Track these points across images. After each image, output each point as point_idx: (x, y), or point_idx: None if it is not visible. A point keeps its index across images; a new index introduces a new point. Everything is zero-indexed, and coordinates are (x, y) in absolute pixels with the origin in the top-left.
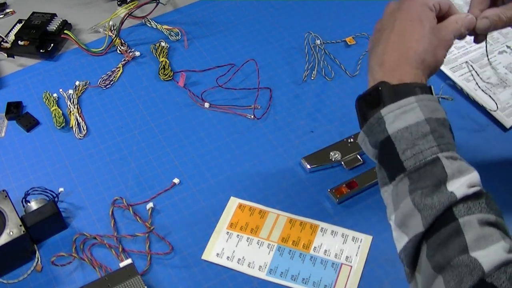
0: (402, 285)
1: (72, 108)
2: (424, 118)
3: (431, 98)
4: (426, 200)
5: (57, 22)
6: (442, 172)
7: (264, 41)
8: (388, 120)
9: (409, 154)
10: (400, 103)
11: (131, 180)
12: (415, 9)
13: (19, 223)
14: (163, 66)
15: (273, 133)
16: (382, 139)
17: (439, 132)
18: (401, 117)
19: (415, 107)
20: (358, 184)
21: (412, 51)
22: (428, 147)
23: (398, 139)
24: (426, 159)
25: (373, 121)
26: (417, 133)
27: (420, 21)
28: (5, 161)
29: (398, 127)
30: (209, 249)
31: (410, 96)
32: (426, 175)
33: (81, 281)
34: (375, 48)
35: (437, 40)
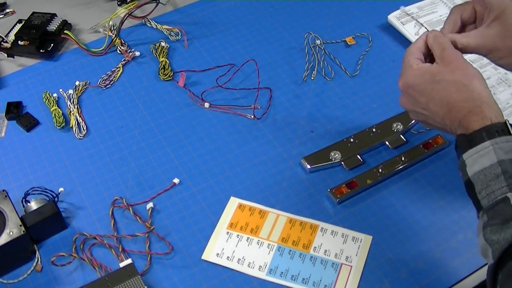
0: (402, 285)
1: (72, 108)
2: (497, 161)
3: (509, 139)
4: (494, 236)
5: (57, 22)
6: (509, 210)
7: (264, 41)
8: (468, 163)
9: (484, 194)
10: (478, 147)
11: (131, 180)
12: (420, 82)
13: (19, 223)
14: (163, 66)
15: (273, 133)
16: (465, 180)
17: (510, 172)
18: (478, 160)
19: (490, 150)
20: (358, 184)
21: (463, 102)
22: (499, 187)
23: (475, 180)
24: (497, 198)
25: (460, 164)
26: (490, 175)
27: (435, 81)
28: (5, 161)
29: (475, 170)
30: (209, 249)
31: (486, 141)
32: (497, 213)
33: (81, 281)
34: (437, 125)
35: (456, 69)
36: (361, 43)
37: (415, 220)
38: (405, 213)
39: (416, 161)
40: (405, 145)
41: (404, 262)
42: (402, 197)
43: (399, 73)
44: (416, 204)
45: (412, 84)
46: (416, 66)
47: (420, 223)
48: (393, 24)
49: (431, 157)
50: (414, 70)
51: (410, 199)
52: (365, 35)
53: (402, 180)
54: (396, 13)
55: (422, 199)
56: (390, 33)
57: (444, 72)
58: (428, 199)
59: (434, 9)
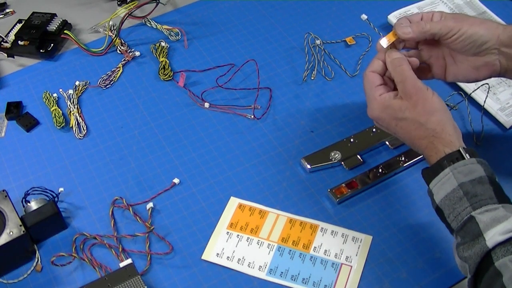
0: (402, 285)
1: (72, 108)
2: (457, 184)
3: (466, 163)
4: (466, 253)
5: (57, 22)
6: (476, 227)
7: (264, 41)
8: (434, 192)
9: (452, 217)
10: (439, 176)
11: (131, 180)
12: (385, 116)
13: (19, 223)
14: (163, 66)
15: (273, 133)
16: (435, 207)
17: (471, 192)
18: (442, 187)
19: (450, 176)
20: (358, 184)
21: (420, 140)
22: (463, 208)
23: (443, 206)
24: (463, 219)
25: (428, 193)
26: (454, 199)
27: (397, 117)
28: (5, 161)
29: (441, 197)
30: (209, 249)
31: (446, 168)
32: (467, 232)
33: (81, 281)
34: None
35: (416, 104)
36: (361, 43)
37: (415, 220)
38: (405, 213)
39: (416, 161)
40: (405, 145)
41: (404, 262)
42: (402, 197)
43: None
44: (416, 204)
45: (378, 118)
46: (378, 98)
47: (420, 223)
48: (393, 24)
49: None
50: (378, 102)
51: (410, 199)
52: (365, 35)
53: (402, 180)
54: (396, 13)
55: (422, 199)
56: None
57: (405, 109)
58: (428, 199)
59: (434, 9)
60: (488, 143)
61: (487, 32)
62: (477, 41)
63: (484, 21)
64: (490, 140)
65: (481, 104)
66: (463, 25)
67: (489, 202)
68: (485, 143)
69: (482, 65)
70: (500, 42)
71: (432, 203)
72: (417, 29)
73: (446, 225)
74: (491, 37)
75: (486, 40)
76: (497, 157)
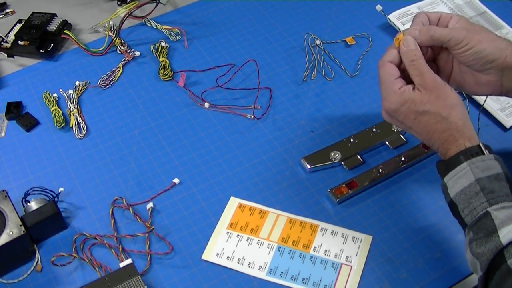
0: (402, 285)
1: (72, 108)
2: (474, 179)
3: (484, 158)
4: (480, 249)
5: (57, 22)
6: (491, 224)
7: (264, 41)
8: (449, 185)
9: (467, 212)
10: (456, 169)
11: (131, 180)
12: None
13: (19, 223)
14: (163, 66)
15: (273, 133)
16: (448, 201)
17: (488, 188)
18: (458, 181)
19: (467, 170)
20: (358, 184)
21: (441, 133)
22: (479, 203)
23: (457, 200)
24: (479, 214)
25: (442, 187)
26: (470, 193)
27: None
28: (5, 161)
29: (456, 191)
30: (209, 249)
31: (463, 163)
32: (481, 228)
33: (81, 281)
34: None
35: (437, 97)
36: (361, 43)
37: (415, 220)
38: (405, 213)
39: (416, 161)
40: (405, 145)
41: (404, 262)
42: (402, 197)
43: None
44: (416, 204)
45: (396, 110)
46: (398, 91)
47: (420, 223)
48: (393, 24)
49: (431, 157)
50: (397, 95)
51: (410, 199)
52: (365, 35)
53: (402, 180)
54: (396, 13)
55: (422, 199)
56: (390, 33)
57: (426, 102)
58: (428, 199)
59: (434, 9)
60: (488, 143)
61: (495, 51)
62: (482, 58)
63: (496, 39)
64: (490, 140)
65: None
66: (473, 38)
67: (505, 199)
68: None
69: (484, 82)
70: (506, 64)
71: (445, 196)
72: (425, 37)
73: (459, 220)
74: (498, 57)
75: (492, 59)
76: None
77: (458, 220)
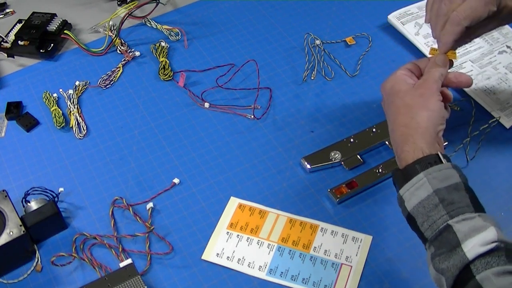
0: (402, 285)
1: (72, 108)
2: (432, 191)
3: (441, 168)
4: (443, 264)
5: (57, 22)
6: (453, 237)
7: (264, 41)
8: (406, 198)
9: (426, 226)
10: (412, 181)
11: (131, 180)
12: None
13: (19, 223)
14: (163, 66)
15: (273, 133)
16: (406, 215)
17: (448, 199)
18: (415, 193)
19: (424, 181)
20: (358, 184)
21: (403, 128)
22: (439, 216)
23: (415, 214)
24: (439, 228)
25: (398, 200)
26: (429, 206)
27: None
28: (5, 161)
29: (414, 203)
30: (209, 249)
31: (419, 173)
32: (443, 242)
33: (81, 281)
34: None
35: (420, 96)
36: (361, 43)
37: None
38: None
39: None
40: None
41: (404, 262)
42: None
43: None
44: None
45: (384, 88)
46: (398, 75)
47: None
48: (393, 24)
49: None
50: (395, 76)
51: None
52: (365, 35)
53: None
54: (396, 13)
55: None
56: (390, 33)
57: (408, 93)
58: None
59: None
60: (488, 143)
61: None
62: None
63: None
64: (490, 140)
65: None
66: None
67: (466, 210)
68: (485, 143)
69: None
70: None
71: (402, 210)
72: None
73: (419, 234)
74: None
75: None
76: (497, 157)
77: (417, 234)
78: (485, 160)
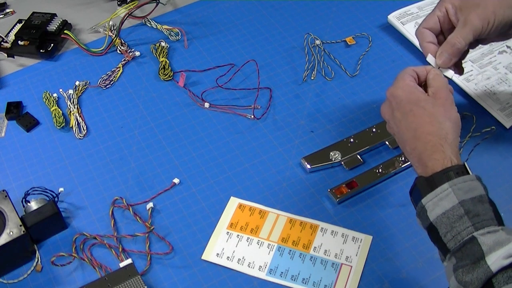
0: (402, 285)
1: (72, 108)
2: (458, 202)
3: (466, 179)
4: (467, 277)
5: (57, 22)
6: (478, 249)
7: (264, 41)
8: (428, 208)
9: (450, 237)
10: (436, 191)
11: (131, 180)
12: (405, 97)
13: (19, 223)
14: (163, 66)
15: (273, 133)
16: (427, 225)
17: (473, 211)
18: (439, 203)
19: (450, 192)
20: (358, 184)
21: (430, 136)
22: (464, 228)
23: (438, 224)
24: (463, 239)
25: (419, 209)
26: (453, 217)
27: (417, 104)
28: (5, 161)
29: (437, 214)
30: (209, 249)
31: (444, 183)
32: (466, 254)
33: (81, 281)
34: (400, 145)
35: (441, 105)
36: (361, 43)
37: (415, 220)
38: (405, 213)
39: None
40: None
41: (404, 262)
42: (402, 197)
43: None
44: None
45: (396, 96)
46: (409, 82)
47: None
48: (393, 24)
49: None
50: (406, 85)
51: (410, 199)
52: (365, 35)
53: (402, 180)
54: (396, 13)
55: None
56: (390, 33)
57: (428, 102)
58: None
59: None
60: (488, 143)
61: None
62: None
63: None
64: (490, 140)
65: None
66: (486, 14)
67: (491, 223)
68: (485, 143)
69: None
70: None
71: (422, 220)
72: (453, 55)
73: (439, 245)
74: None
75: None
76: (497, 157)
77: (437, 245)
78: (484, 160)
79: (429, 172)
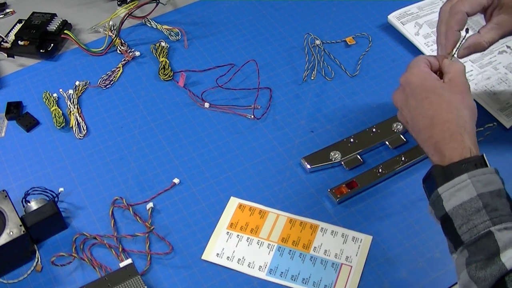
0: (402, 285)
1: (72, 108)
2: (476, 194)
3: (485, 172)
4: (480, 273)
5: (57, 22)
6: (494, 245)
7: (264, 41)
8: (445, 198)
9: (465, 229)
10: (454, 181)
11: (131, 180)
12: (420, 84)
13: (19, 223)
14: (163, 66)
15: (273, 133)
16: (441, 215)
17: (492, 205)
18: (456, 194)
19: (468, 183)
20: (358, 184)
21: (448, 124)
22: (481, 221)
23: (454, 215)
24: (479, 233)
25: (434, 198)
26: (471, 209)
27: (433, 91)
28: (5, 161)
29: (453, 204)
30: (209, 249)
31: (463, 174)
32: (481, 248)
33: (81, 281)
34: (413, 133)
35: (458, 93)
36: (361, 43)
37: (415, 220)
38: (405, 213)
39: (416, 161)
40: (405, 145)
41: (404, 262)
42: (402, 197)
43: (399, 73)
44: (416, 204)
45: (411, 82)
46: (423, 69)
47: (420, 223)
48: (393, 24)
49: None
50: (421, 71)
51: (410, 199)
52: (365, 35)
53: (402, 180)
54: (396, 13)
55: (422, 199)
56: (390, 33)
57: (445, 89)
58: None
59: (434, 9)
60: (488, 143)
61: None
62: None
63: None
64: (490, 140)
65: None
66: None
67: (508, 219)
68: (485, 143)
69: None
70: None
71: (436, 209)
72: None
73: (452, 236)
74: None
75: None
76: (497, 157)
77: (450, 236)
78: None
79: (446, 162)
